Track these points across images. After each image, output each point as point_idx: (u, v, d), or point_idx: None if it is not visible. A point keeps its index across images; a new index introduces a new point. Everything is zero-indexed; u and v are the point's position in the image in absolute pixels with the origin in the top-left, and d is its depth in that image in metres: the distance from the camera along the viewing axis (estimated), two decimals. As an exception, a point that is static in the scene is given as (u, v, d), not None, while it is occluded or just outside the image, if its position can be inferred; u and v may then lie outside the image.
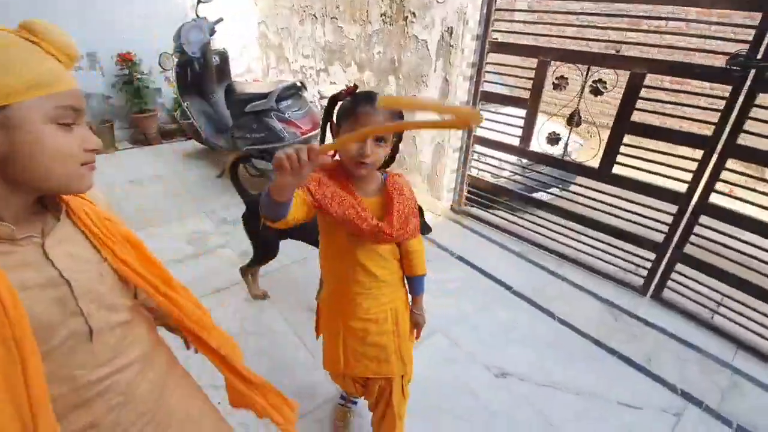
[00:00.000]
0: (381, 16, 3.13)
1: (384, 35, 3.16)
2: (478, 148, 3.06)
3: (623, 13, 2.39)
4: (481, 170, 3.20)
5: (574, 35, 4.06)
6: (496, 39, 2.68)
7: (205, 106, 3.78)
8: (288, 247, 2.13)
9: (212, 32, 3.48)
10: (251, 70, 5.08)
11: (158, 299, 0.74)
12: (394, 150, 1.12)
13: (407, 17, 2.90)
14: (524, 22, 2.68)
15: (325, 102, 3.57)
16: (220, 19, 3.55)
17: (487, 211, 3.21)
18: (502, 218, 3.07)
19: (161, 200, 3.19)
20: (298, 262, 2.54)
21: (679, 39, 3.29)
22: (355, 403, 1.65)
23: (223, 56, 3.80)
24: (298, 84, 3.05)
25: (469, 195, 3.24)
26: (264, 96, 2.91)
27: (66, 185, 0.59)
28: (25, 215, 0.60)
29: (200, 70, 3.50)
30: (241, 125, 3.10)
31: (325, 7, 3.65)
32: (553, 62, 2.43)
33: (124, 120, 4.27)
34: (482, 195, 3.18)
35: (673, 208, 2.19)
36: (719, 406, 1.78)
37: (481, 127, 2.97)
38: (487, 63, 2.77)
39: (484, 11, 2.58)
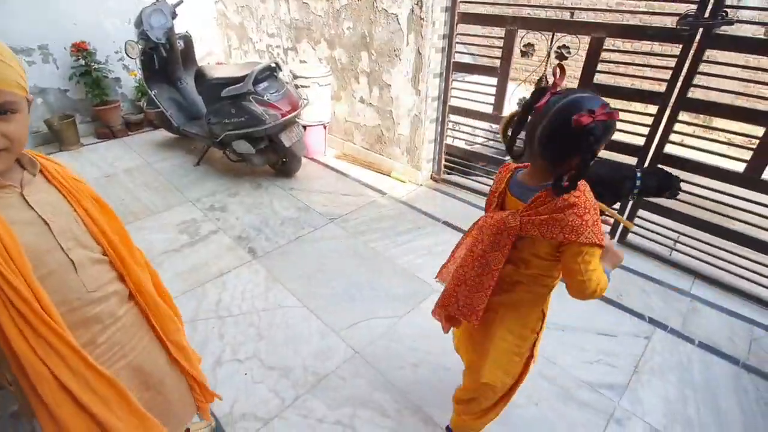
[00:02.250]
0: (348, -10, 3.13)
1: (353, 10, 3.17)
2: (454, 117, 3.19)
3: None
4: (458, 138, 3.35)
5: (536, 3, 4.21)
6: (465, 10, 2.77)
7: (174, 94, 3.69)
8: (282, 228, 2.21)
9: (174, 15, 3.36)
10: (212, 53, 4.92)
11: (111, 255, 0.88)
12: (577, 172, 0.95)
13: (376, -9, 2.93)
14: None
15: (300, 81, 3.51)
16: (180, 1, 3.43)
17: (467, 178, 3.39)
18: (480, 182, 3.25)
19: (142, 193, 3.15)
20: (293, 242, 2.63)
21: (635, 4, 3.51)
22: None
23: (188, 40, 3.68)
24: (273, 65, 3.04)
25: (447, 163, 3.39)
26: (240, 80, 2.89)
27: None
28: (4, 171, 0.74)
29: (166, 56, 3.40)
30: (217, 111, 3.07)
31: (288, -17, 3.59)
32: (519, 30, 2.56)
33: (86, 113, 4.09)
34: (460, 162, 3.34)
35: (633, 160, 2.42)
36: (682, 327, 2.07)
37: (455, 97, 3.11)
38: (457, 34, 2.87)
39: (452, -18, 2.66)
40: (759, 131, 2.02)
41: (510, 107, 2.85)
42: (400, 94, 3.15)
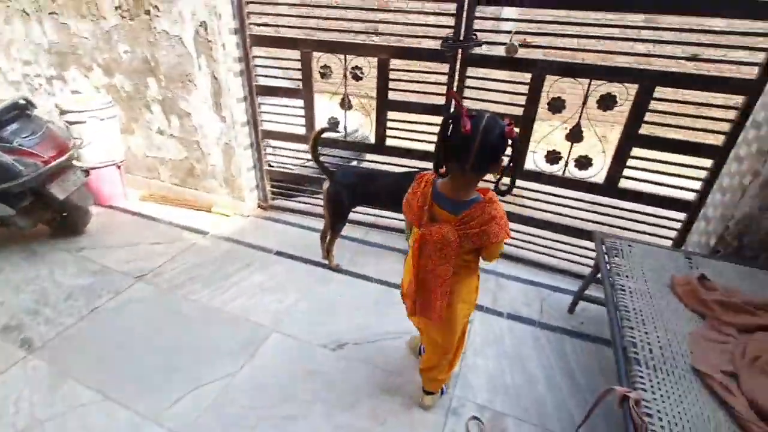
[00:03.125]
0: (116, 9, 2.69)
1: (126, 31, 2.74)
2: (272, 142, 3.07)
3: (357, 6, 2.71)
4: (280, 163, 3.23)
5: (326, 26, 4.37)
6: (257, 32, 2.67)
7: None
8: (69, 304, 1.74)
9: None
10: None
11: None
12: (510, 176, 1.28)
13: (149, 11, 2.59)
14: (280, 15, 2.73)
15: (71, 117, 2.95)
16: None
17: (295, 201, 3.30)
18: (310, 204, 3.21)
19: None
20: (85, 318, 2.11)
21: (409, 29, 3.91)
22: None
23: None
24: (23, 102, 2.39)
25: (274, 189, 3.25)
26: (-31, 124, 2.19)
27: None
28: None
29: None
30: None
31: (37, 0, 2.90)
32: (315, 52, 2.59)
33: None
34: (286, 186, 3.24)
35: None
36: (493, 304, 2.38)
37: (267, 121, 2.98)
38: (254, 57, 2.75)
39: (236, 4, 2.52)
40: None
41: (321, 125, 2.87)
42: (203, 122, 2.87)
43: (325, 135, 2.49)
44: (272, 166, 3.19)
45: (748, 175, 1.90)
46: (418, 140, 2.62)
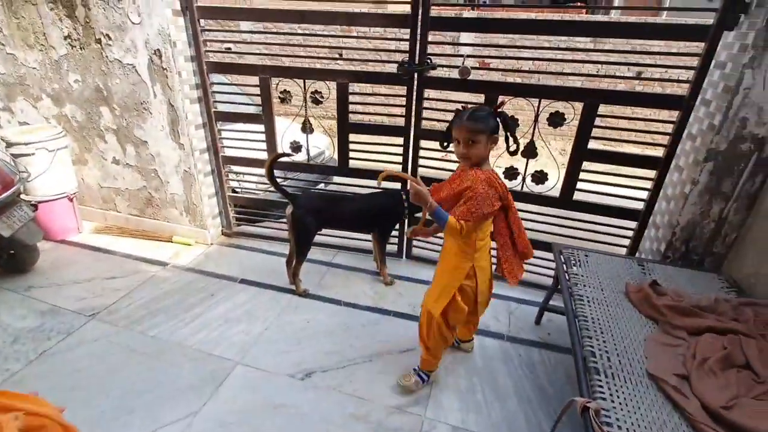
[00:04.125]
0: (65, 39, 2.62)
1: (77, 61, 2.67)
2: (235, 168, 3.02)
3: (313, 33, 2.75)
4: (244, 188, 3.19)
5: (283, 52, 4.42)
6: (214, 59, 2.66)
7: None
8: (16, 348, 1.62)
9: None
10: None
11: None
12: (514, 142, 1.60)
13: (100, 40, 2.53)
14: (238, 42, 2.74)
15: (13, 150, 2.87)
16: None
17: (260, 226, 3.25)
18: (274, 228, 3.16)
19: None
20: (34, 362, 1.97)
21: (369, 54, 4.06)
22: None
23: None
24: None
25: (237, 215, 3.19)
26: None
27: None
28: None
29: None
30: None
31: (-23, 28, 2.79)
32: (273, 78, 2.60)
33: None
34: (251, 212, 3.18)
35: (398, 185, 2.73)
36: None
37: (228, 147, 2.95)
38: (212, 83, 2.72)
39: (190, 32, 2.51)
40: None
41: (284, 151, 2.86)
42: (160, 150, 2.80)
43: (287, 159, 2.49)
44: (236, 192, 3.14)
45: (688, 184, 2.02)
46: (382, 161, 2.65)
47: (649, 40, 2.08)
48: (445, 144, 1.70)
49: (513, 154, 1.62)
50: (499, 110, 1.54)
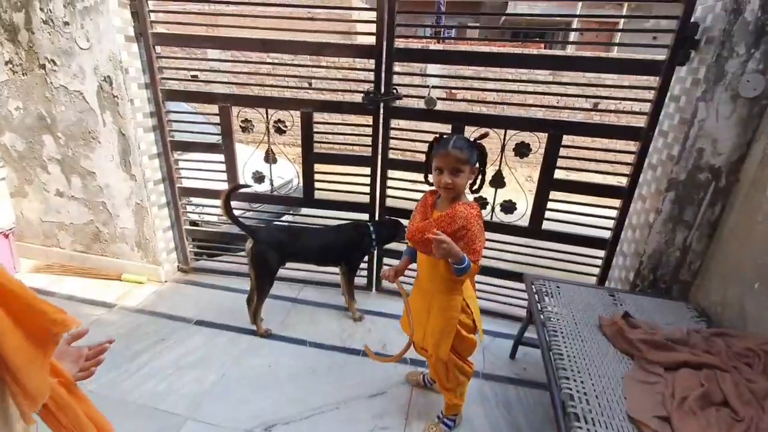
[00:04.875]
0: (6, 64, 2.44)
1: (18, 87, 2.48)
2: (194, 199, 2.85)
3: (277, 61, 2.70)
4: (202, 221, 3.00)
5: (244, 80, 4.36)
6: (170, 87, 2.54)
7: None
8: None
9: None
10: None
11: None
12: (481, 179, 1.55)
13: (44, 65, 2.37)
14: (198, 69, 2.63)
15: None
16: None
17: (220, 261, 3.06)
18: (235, 263, 2.98)
19: None
20: None
21: (341, 83, 4.05)
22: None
23: None
24: None
25: (195, 249, 2.99)
26: None
27: None
28: None
29: None
30: None
31: None
32: (234, 107, 2.50)
33: None
34: (210, 245, 3.00)
35: (366, 215, 2.64)
36: (434, 358, 2.27)
37: (186, 178, 2.79)
38: (168, 111, 2.59)
39: (144, 59, 2.39)
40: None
41: (245, 181, 2.73)
42: (110, 181, 2.60)
43: (249, 190, 2.36)
44: (195, 225, 2.95)
45: (652, 213, 2.04)
46: (348, 191, 2.57)
47: (606, 74, 2.13)
48: (427, 175, 1.58)
49: (476, 191, 1.58)
50: (479, 142, 1.49)
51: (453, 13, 16.33)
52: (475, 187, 1.56)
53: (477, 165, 1.49)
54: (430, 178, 1.54)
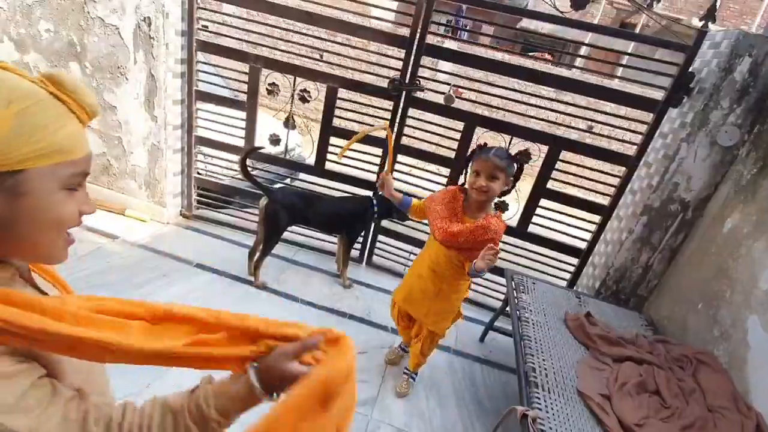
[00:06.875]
0: (44, -16, 2.46)
1: (52, 9, 2.51)
2: (205, 149, 2.95)
3: (312, 33, 2.81)
4: (211, 172, 3.11)
5: (277, 46, 4.39)
6: (205, 38, 2.62)
7: None
8: None
9: None
10: None
11: None
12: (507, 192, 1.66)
13: (86, -6, 2.41)
14: (232, 26, 2.72)
15: None
16: None
17: (222, 212, 3.18)
18: (237, 217, 3.11)
19: None
20: None
21: (357, 63, 4.09)
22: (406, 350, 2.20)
23: None
24: None
25: (200, 198, 3.10)
26: None
27: (48, 255, 0.55)
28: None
29: None
30: None
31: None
32: (264, 69, 2.61)
33: None
34: (214, 196, 3.11)
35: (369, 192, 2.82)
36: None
37: (203, 128, 2.89)
38: (198, 62, 2.68)
39: (186, 7, 2.47)
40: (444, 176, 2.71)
41: (262, 141, 2.86)
42: (130, 118, 2.68)
43: (262, 150, 2.50)
44: (201, 174, 3.05)
45: (625, 232, 2.31)
46: (357, 167, 2.74)
47: (606, 102, 2.36)
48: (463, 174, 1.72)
49: (499, 206, 1.94)
50: (518, 157, 1.66)
51: (473, 18, 16.41)
52: (504, 198, 1.79)
53: (512, 178, 1.59)
54: (461, 179, 1.76)
